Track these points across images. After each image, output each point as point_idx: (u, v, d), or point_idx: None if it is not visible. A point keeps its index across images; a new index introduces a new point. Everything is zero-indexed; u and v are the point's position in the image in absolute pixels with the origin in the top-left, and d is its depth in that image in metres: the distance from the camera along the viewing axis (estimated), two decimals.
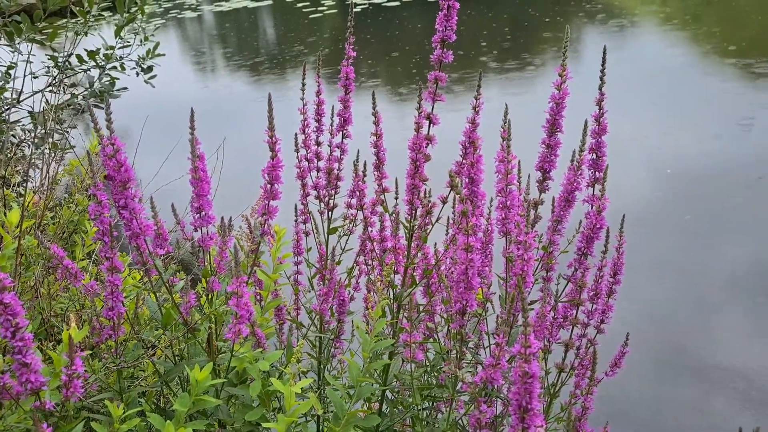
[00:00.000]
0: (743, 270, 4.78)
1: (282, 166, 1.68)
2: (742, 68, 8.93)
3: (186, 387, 1.89)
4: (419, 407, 1.77)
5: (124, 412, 1.52)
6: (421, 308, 1.82)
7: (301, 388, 1.60)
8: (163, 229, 1.79)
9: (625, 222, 1.94)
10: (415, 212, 1.78)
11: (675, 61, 9.92)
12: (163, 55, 4.45)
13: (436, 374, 1.97)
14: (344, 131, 2.01)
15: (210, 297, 1.83)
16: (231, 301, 1.55)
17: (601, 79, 1.80)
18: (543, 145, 1.82)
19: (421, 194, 1.82)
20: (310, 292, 2.21)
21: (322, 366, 2.12)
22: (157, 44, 4.46)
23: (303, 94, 2.13)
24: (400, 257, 1.75)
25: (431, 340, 2.01)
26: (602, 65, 1.81)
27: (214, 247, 1.86)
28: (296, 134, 2.11)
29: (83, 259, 2.66)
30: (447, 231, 2.04)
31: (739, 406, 3.29)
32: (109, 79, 4.18)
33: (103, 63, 4.17)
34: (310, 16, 16.14)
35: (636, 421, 3.52)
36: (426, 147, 1.75)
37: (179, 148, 2.94)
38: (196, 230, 1.79)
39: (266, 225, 1.71)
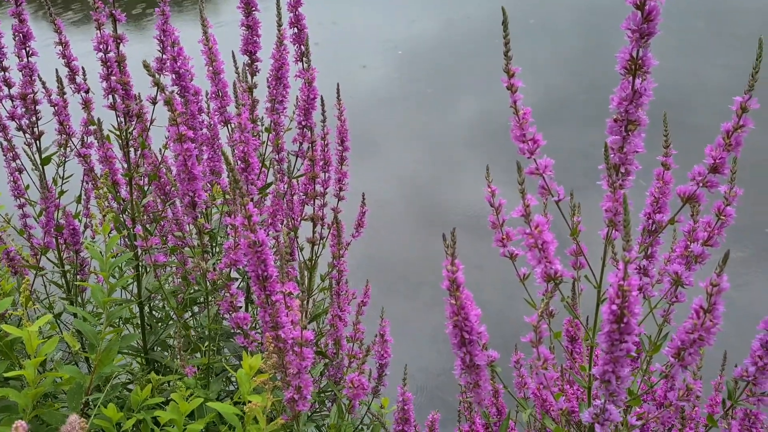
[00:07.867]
0: (476, 125, 5.32)
1: None
2: None
3: None
4: (177, 312, 1.75)
5: None
6: (157, 215, 1.76)
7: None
8: None
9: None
10: (125, 117, 1.69)
11: None
12: None
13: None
14: (27, 48, 1.81)
15: None
16: None
17: None
18: (243, 27, 1.79)
19: (129, 98, 1.72)
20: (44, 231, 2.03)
21: (72, 304, 1.99)
22: None
23: None
24: (115, 167, 1.66)
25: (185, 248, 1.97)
26: None
27: None
28: None
29: None
30: None
31: (484, 242, 3.75)
32: None
33: None
34: None
35: (410, 275, 3.86)
36: (116, 46, 1.64)
37: None
38: None
39: None
